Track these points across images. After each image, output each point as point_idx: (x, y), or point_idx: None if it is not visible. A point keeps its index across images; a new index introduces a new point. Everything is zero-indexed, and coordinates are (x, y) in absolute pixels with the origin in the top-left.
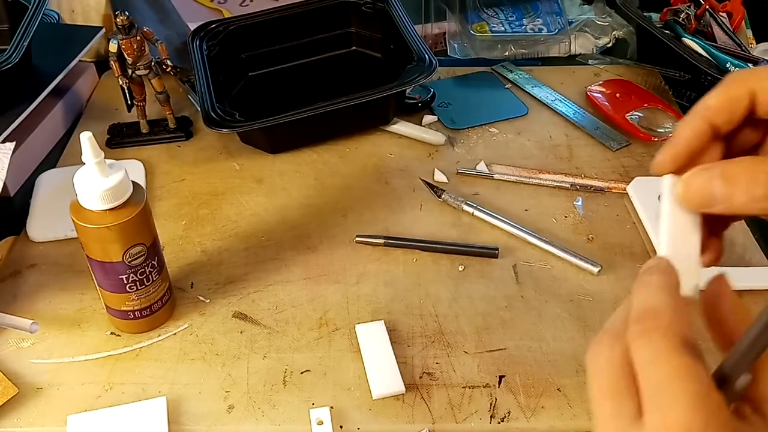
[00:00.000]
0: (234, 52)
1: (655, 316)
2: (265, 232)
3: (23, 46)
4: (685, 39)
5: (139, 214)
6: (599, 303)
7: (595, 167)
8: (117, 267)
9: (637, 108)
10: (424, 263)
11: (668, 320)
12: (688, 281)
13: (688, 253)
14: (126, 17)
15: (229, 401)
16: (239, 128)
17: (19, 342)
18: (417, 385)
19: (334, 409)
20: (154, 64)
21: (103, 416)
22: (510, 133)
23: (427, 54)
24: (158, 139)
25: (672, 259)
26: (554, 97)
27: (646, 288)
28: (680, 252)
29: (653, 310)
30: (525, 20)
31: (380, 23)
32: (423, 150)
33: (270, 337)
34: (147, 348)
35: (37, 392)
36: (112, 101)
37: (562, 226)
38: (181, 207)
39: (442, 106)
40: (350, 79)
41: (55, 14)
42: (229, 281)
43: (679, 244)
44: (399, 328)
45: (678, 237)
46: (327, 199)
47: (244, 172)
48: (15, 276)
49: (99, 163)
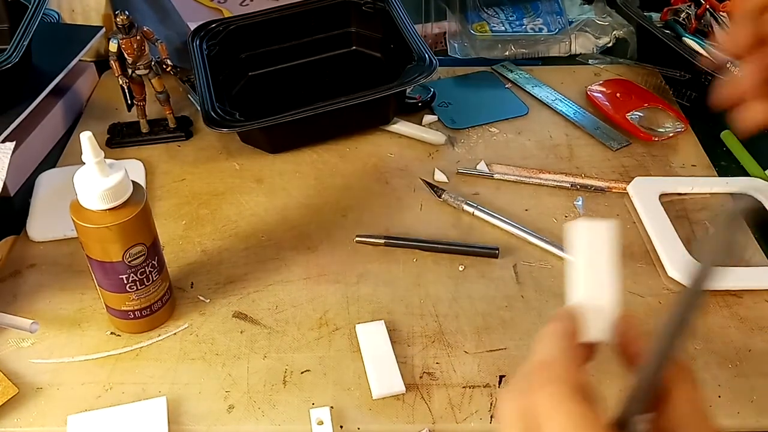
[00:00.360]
0: (234, 52)
1: (550, 367)
2: (265, 232)
3: (23, 46)
4: (685, 39)
5: (139, 213)
6: None
7: (595, 167)
8: (117, 267)
9: (638, 108)
10: (425, 263)
11: (561, 370)
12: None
13: (601, 296)
14: (126, 17)
15: (229, 401)
16: (239, 128)
17: (19, 342)
18: (417, 384)
19: (334, 409)
20: (154, 64)
21: (103, 416)
22: (510, 133)
23: (428, 54)
24: (158, 138)
25: (584, 304)
26: (554, 97)
27: (544, 339)
28: (593, 296)
29: (548, 362)
30: (525, 20)
31: (380, 23)
32: (423, 150)
33: (270, 337)
34: (147, 348)
35: (37, 392)
36: (112, 101)
37: (562, 225)
38: (181, 207)
39: (443, 106)
40: (350, 79)
41: (55, 14)
42: (229, 281)
43: (592, 287)
44: (399, 328)
45: (591, 280)
46: (327, 199)
47: (244, 172)
48: (15, 276)
49: (99, 163)
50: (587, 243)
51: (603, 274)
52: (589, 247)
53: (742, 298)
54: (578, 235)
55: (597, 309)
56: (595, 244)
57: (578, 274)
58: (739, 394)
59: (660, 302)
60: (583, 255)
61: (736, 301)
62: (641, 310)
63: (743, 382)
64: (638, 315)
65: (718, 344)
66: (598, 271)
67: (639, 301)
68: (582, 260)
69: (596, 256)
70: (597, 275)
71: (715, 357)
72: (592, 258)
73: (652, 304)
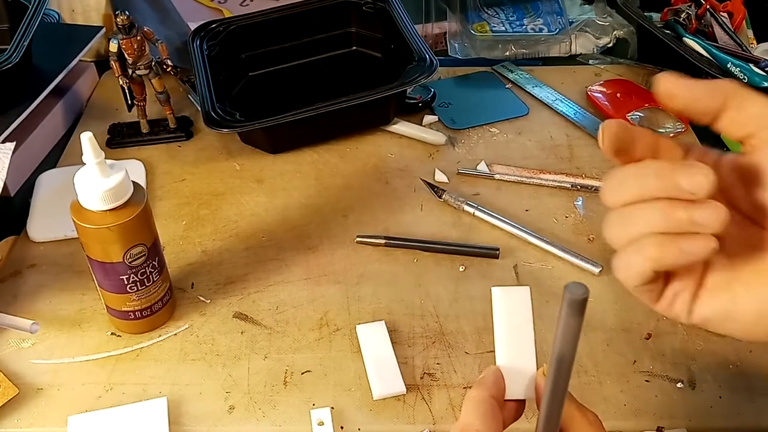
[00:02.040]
0: (234, 52)
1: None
2: (266, 232)
3: (23, 46)
4: (685, 39)
5: (139, 214)
6: (600, 303)
7: (595, 167)
8: (117, 267)
9: (638, 108)
10: (425, 263)
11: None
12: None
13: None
14: (126, 17)
15: (230, 402)
16: (239, 128)
17: (20, 342)
18: (418, 385)
19: (334, 410)
20: (155, 64)
21: (103, 417)
22: (510, 133)
23: (428, 54)
24: (158, 139)
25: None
26: (555, 97)
27: (466, 403)
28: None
29: (468, 425)
30: (526, 20)
31: (381, 23)
32: (423, 150)
33: (270, 338)
34: (147, 348)
35: (37, 393)
36: (112, 101)
37: (562, 226)
38: (182, 207)
39: (443, 106)
40: (350, 79)
41: (55, 14)
42: (230, 281)
43: (511, 350)
44: (400, 329)
45: (510, 343)
46: (327, 199)
47: (245, 172)
48: (15, 276)
49: (99, 164)
50: (505, 308)
51: (521, 337)
52: (507, 312)
53: None
54: (496, 301)
55: (517, 369)
56: (513, 309)
57: (499, 338)
58: (739, 395)
59: None
60: (501, 320)
61: None
62: (642, 310)
63: (743, 382)
64: (639, 316)
65: (718, 344)
66: (516, 334)
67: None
68: (501, 324)
69: (514, 320)
70: (516, 338)
71: (715, 357)
72: (511, 322)
73: None
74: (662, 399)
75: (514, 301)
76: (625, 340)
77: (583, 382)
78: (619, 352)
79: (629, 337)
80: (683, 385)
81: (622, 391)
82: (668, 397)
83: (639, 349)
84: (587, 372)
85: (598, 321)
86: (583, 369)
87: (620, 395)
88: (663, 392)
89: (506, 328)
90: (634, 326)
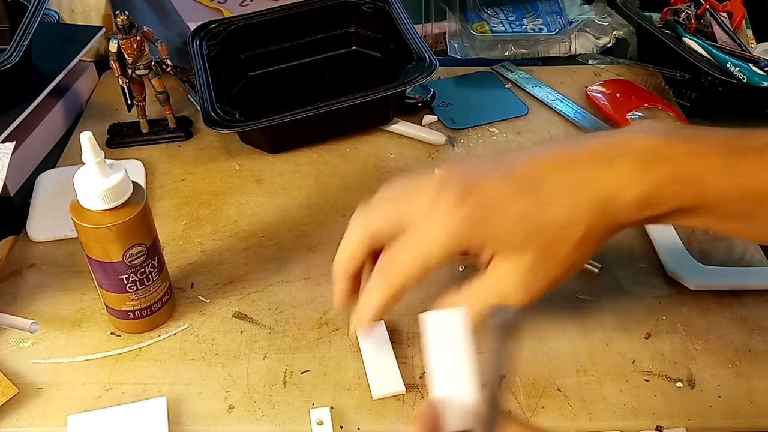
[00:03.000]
0: (234, 52)
1: None
2: (266, 232)
3: (23, 46)
4: (685, 39)
5: (139, 214)
6: (599, 303)
7: None
8: (117, 267)
9: (638, 108)
10: None
11: None
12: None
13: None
14: (126, 17)
15: (229, 401)
16: (239, 128)
17: (19, 342)
18: (417, 385)
19: (334, 410)
20: (154, 64)
21: (103, 416)
22: (510, 133)
23: (428, 54)
24: (158, 139)
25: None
26: (554, 97)
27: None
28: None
29: None
30: (525, 20)
31: (380, 23)
32: (423, 150)
33: (270, 337)
34: (147, 348)
35: (37, 392)
36: (112, 101)
37: None
38: (181, 207)
39: (443, 106)
40: (350, 79)
41: (55, 14)
42: (230, 281)
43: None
44: (399, 328)
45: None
46: (327, 199)
47: (244, 172)
48: (15, 276)
49: (99, 163)
50: (438, 335)
51: (457, 364)
52: (441, 338)
53: (742, 298)
54: (428, 328)
55: (455, 399)
56: (447, 335)
57: (433, 368)
58: (739, 394)
59: (660, 302)
60: (435, 348)
61: (736, 301)
62: (641, 310)
63: (743, 382)
64: (638, 316)
65: (718, 344)
66: (452, 361)
67: (639, 301)
68: (435, 354)
69: (449, 347)
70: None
71: (715, 357)
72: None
73: (652, 304)
74: (661, 399)
75: (449, 326)
76: (624, 340)
77: (582, 381)
78: (619, 352)
79: (629, 336)
80: (682, 385)
81: (622, 391)
82: (667, 397)
83: (638, 349)
84: (586, 371)
85: (598, 320)
86: (582, 368)
87: (619, 395)
88: (662, 392)
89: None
90: (633, 326)
